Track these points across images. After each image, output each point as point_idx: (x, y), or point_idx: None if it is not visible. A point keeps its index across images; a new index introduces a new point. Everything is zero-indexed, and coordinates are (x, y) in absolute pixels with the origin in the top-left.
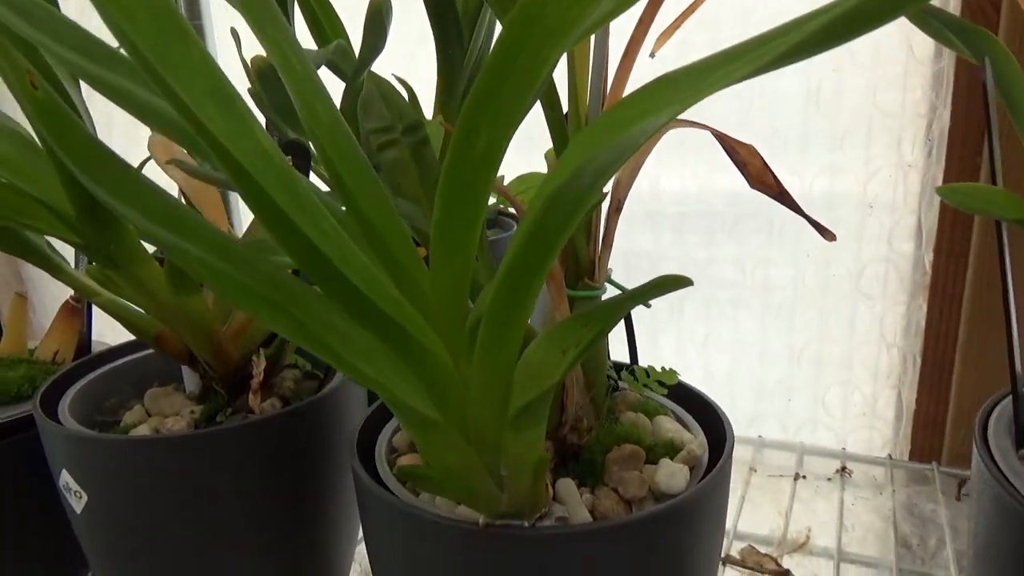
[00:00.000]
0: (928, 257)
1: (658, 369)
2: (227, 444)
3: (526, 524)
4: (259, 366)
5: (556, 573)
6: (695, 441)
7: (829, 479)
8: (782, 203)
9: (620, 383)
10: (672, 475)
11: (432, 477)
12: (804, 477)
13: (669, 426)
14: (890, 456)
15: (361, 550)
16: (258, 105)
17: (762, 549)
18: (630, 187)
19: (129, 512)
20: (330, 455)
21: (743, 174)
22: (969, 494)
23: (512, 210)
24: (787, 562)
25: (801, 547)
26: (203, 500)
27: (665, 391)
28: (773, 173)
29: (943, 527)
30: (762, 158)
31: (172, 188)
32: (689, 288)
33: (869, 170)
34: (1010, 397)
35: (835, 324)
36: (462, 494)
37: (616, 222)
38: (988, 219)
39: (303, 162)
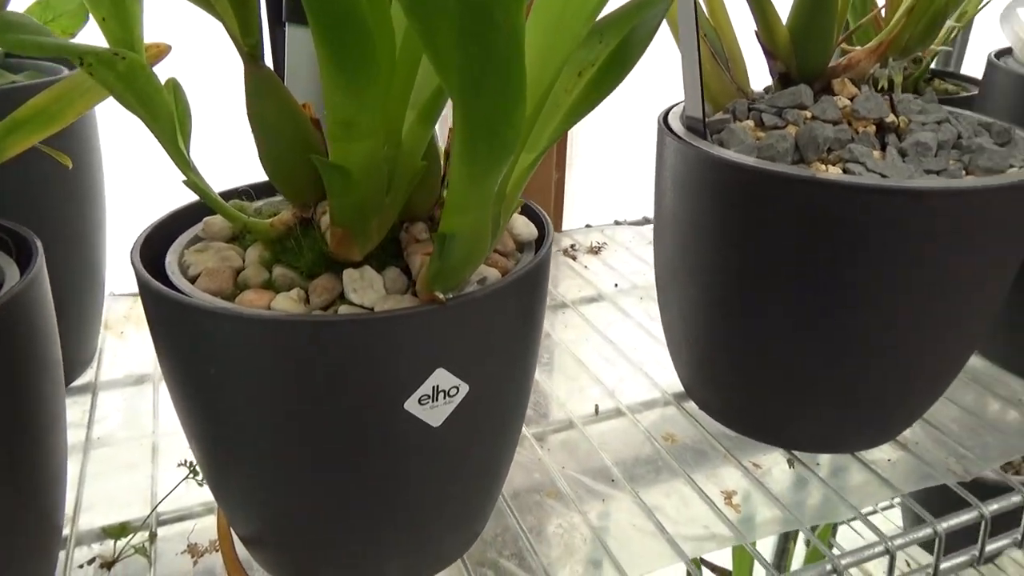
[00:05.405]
0: None
1: None
2: None
3: (473, 288)
4: None
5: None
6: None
7: None
8: None
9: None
10: (526, 224)
11: (456, 236)
12: None
13: None
14: None
15: None
16: None
17: None
18: None
19: None
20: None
21: None
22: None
23: None
24: None
25: None
26: None
27: None
28: None
29: None
30: None
31: None
32: None
33: None
34: (680, 104)
35: None
36: (469, 256)
37: None
38: None
39: None
